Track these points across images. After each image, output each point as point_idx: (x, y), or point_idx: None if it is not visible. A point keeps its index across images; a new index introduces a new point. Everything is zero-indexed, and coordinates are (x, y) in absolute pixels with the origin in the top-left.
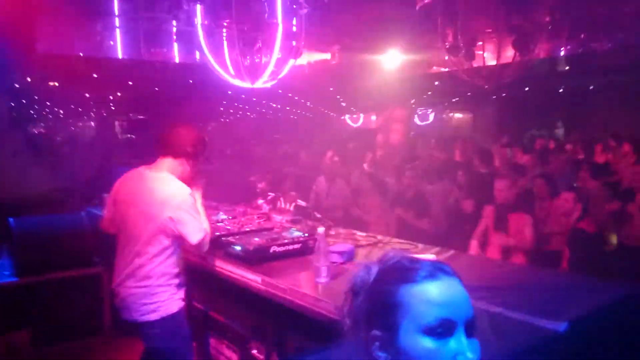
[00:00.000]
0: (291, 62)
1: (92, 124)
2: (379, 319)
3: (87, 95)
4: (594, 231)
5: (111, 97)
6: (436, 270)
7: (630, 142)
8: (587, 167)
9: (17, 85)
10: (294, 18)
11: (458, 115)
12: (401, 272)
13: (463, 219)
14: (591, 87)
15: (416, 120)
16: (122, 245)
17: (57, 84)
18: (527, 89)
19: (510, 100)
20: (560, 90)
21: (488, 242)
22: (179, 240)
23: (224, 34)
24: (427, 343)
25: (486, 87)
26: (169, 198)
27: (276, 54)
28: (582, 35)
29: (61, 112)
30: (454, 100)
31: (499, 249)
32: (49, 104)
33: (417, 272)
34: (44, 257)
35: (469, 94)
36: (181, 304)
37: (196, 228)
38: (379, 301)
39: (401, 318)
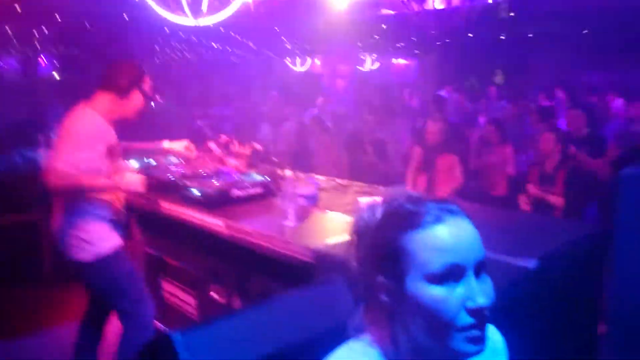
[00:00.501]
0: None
1: (13, 62)
2: (384, 266)
3: (8, 30)
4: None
5: (36, 33)
6: (442, 212)
7: (565, 88)
8: (535, 112)
9: None
10: None
11: (402, 61)
12: (405, 217)
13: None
14: (530, 35)
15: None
16: None
17: None
18: (470, 35)
19: (453, 47)
20: (502, 37)
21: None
22: None
23: None
24: (435, 291)
25: (433, 32)
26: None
27: None
28: None
29: None
30: (398, 45)
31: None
32: None
33: (422, 217)
34: None
35: (413, 39)
36: (117, 243)
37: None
38: (383, 247)
39: (407, 266)
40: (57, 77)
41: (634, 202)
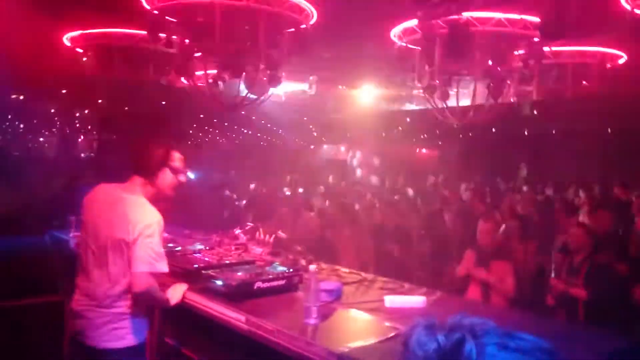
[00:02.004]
0: (271, 90)
1: (53, 140)
2: None
3: (52, 110)
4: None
5: (77, 114)
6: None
7: (585, 189)
8: (561, 206)
9: None
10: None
11: (424, 150)
12: None
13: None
14: (554, 132)
15: None
16: (89, 266)
17: (21, 97)
18: (493, 130)
19: (476, 140)
20: (525, 133)
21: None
22: None
23: (203, 58)
24: None
25: (455, 125)
26: (136, 221)
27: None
28: (550, 83)
29: (21, 126)
30: (422, 137)
31: (479, 287)
32: (9, 117)
33: None
34: (3, 283)
35: (437, 131)
36: (145, 334)
37: (145, 258)
38: None
39: None
40: (94, 157)
41: None
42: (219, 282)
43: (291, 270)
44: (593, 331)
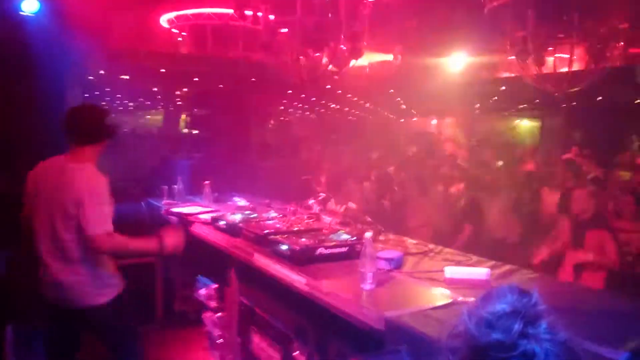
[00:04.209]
0: (352, 62)
1: (158, 117)
2: None
3: (155, 89)
4: None
5: (178, 92)
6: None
7: None
8: None
9: (90, 78)
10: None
11: (525, 122)
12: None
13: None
14: None
15: None
16: (45, 236)
17: (127, 77)
18: (599, 98)
19: (581, 110)
20: (637, 102)
21: (563, 258)
22: None
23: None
24: None
25: (556, 94)
26: (84, 188)
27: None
28: None
29: (130, 104)
30: (520, 107)
31: (573, 267)
32: (119, 96)
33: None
34: None
35: (537, 100)
36: (120, 288)
37: (98, 220)
38: None
39: None
40: (191, 132)
41: None
42: (284, 247)
43: (354, 238)
44: None
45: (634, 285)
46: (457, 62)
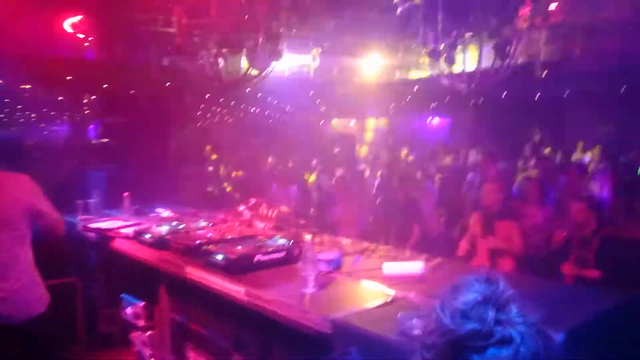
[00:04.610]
0: (272, 64)
1: (65, 128)
2: None
3: (61, 98)
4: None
5: (85, 100)
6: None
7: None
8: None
9: None
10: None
11: (437, 119)
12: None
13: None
14: (566, 95)
15: None
16: None
17: (29, 86)
18: (504, 94)
19: (488, 107)
20: (537, 98)
21: (476, 248)
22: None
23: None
24: None
25: (465, 92)
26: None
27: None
28: (559, 43)
29: (33, 115)
30: (432, 105)
31: (487, 253)
32: (20, 107)
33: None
34: None
35: (447, 99)
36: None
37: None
38: None
39: None
40: (103, 142)
41: None
42: (220, 257)
43: (291, 242)
44: (590, 290)
45: (540, 269)
46: (372, 63)
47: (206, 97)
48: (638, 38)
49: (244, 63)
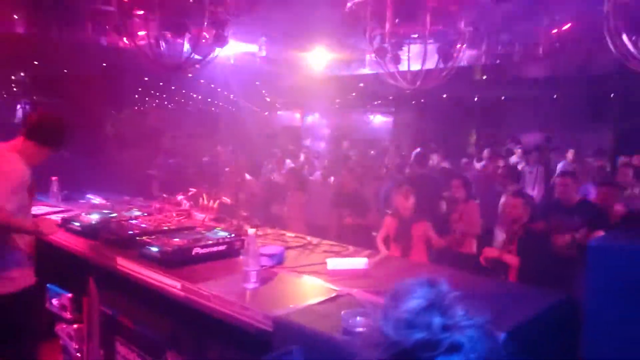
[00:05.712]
0: (217, 51)
1: None
2: None
3: None
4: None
5: (13, 77)
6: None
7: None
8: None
9: None
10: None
11: (379, 117)
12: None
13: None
14: (503, 98)
15: None
16: None
17: None
18: (445, 95)
19: (428, 106)
20: (475, 99)
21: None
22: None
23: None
24: None
25: (408, 91)
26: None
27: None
28: (499, 47)
29: None
30: (376, 102)
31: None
32: None
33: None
34: None
35: (390, 97)
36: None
37: None
38: None
39: None
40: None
41: (602, 274)
42: (154, 249)
43: (232, 235)
44: (528, 288)
45: (458, 262)
46: (319, 57)
47: (145, 79)
48: (575, 47)
49: (186, 47)
